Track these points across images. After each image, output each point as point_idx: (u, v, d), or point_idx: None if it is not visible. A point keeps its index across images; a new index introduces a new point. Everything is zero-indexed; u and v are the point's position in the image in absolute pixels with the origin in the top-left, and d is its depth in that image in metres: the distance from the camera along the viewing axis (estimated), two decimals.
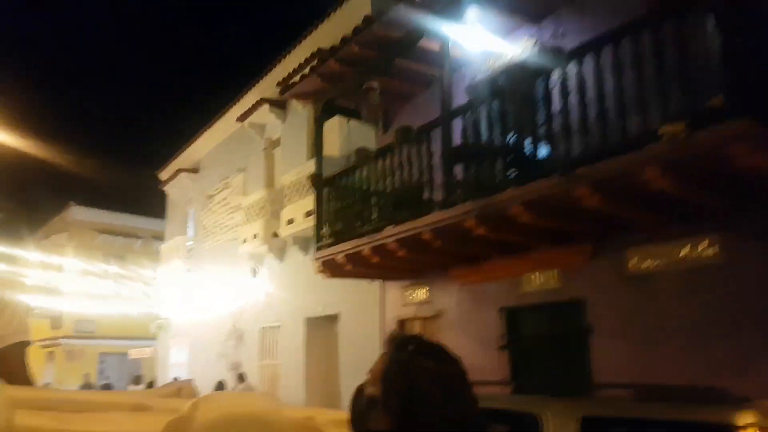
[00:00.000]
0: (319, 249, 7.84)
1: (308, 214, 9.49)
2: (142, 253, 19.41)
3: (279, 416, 1.28)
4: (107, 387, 18.77)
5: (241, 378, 13.45)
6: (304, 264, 10.34)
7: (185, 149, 15.59)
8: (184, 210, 16.64)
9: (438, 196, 6.01)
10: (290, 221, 9.97)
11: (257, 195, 11.36)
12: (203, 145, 14.93)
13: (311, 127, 10.98)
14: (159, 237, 18.79)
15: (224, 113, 13.27)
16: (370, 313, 8.53)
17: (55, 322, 23.88)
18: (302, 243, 10.24)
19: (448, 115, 5.92)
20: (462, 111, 5.92)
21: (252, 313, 11.85)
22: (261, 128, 12.40)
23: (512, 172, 5.36)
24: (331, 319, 9.75)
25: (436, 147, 6.11)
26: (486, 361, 6.66)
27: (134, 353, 18.63)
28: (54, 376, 23.18)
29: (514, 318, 6.60)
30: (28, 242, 18.88)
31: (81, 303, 21.18)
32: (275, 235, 10.89)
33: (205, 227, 14.58)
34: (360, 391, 1.14)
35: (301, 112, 10.99)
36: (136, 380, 17.61)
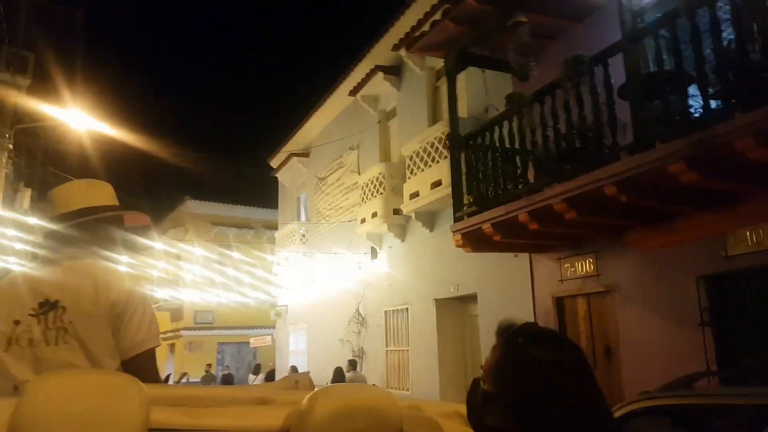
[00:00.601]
0: (458, 220, 6.90)
1: (435, 185, 8.61)
2: (255, 243, 19.55)
3: (395, 408, 1.25)
4: (228, 377, 19.09)
5: (352, 365, 12.96)
6: (430, 241, 9.49)
7: (295, 133, 15.25)
8: (296, 196, 16.39)
9: (623, 139, 4.86)
10: (414, 195, 9.12)
11: (374, 171, 10.64)
12: (313, 127, 14.50)
13: (431, 91, 10.09)
14: (271, 226, 18.83)
15: (334, 89, 12.68)
16: (518, 292, 7.50)
17: (175, 314, 24.86)
18: (427, 218, 9.38)
19: (632, 35, 4.75)
20: (652, 29, 4.72)
21: (374, 297, 11.19)
22: (374, 100, 11.67)
23: (732, 95, 4.11)
24: (466, 300, 8.82)
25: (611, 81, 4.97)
26: (679, 344, 5.43)
27: (254, 342, 18.77)
28: (174, 368, 24.11)
29: (718, 288, 5.31)
30: (155, 236, 19.53)
31: (199, 294, 21.80)
32: (396, 212, 10.12)
33: (319, 211, 14.15)
34: (476, 385, 1.09)
35: (419, 75, 10.10)
36: (256, 370, 17.68)
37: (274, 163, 17.13)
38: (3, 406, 1.01)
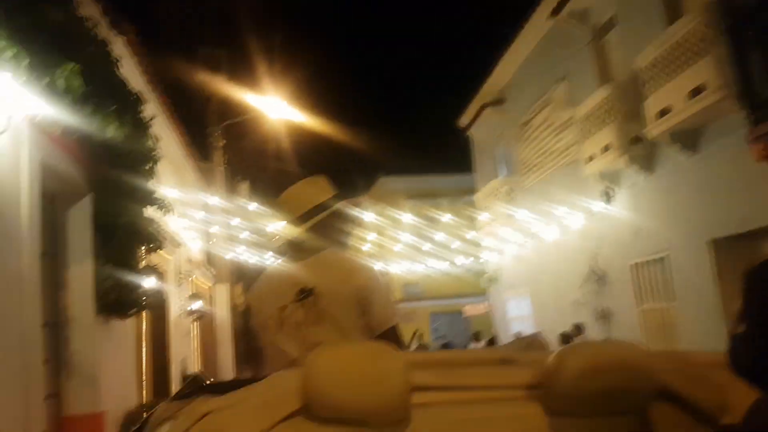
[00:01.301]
0: (759, 121, 4.99)
1: (695, 92, 6.64)
2: (454, 210, 18.66)
3: (648, 361, 1.23)
4: (447, 346, 18.62)
5: (578, 330, 11.31)
6: (692, 168, 7.50)
7: (484, 83, 13.87)
8: (492, 151, 15.05)
9: None
10: (664, 112, 7.21)
11: (596, 98, 8.82)
12: (506, 70, 12.96)
13: None
14: (468, 191, 17.73)
15: (529, 17, 11.01)
16: None
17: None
18: (686, 139, 7.39)
19: None
20: None
21: (614, 248, 9.44)
22: (582, 16, 9.78)
23: None
24: (759, 236, 6.74)
25: None
26: None
27: (469, 310, 18.03)
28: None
29: None
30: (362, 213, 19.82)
31: (405, 267, 21.71)
32: (636, 140, 8.25)
33: (524, 161, 12.65)
34: (732, 335, 1.09)
35: None
36: (476, 336, 16.90)
37: (464, 121, 15.95)
38: (294, 375, 1.20)
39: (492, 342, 16.23)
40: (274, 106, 11.56)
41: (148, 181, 6.49)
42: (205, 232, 12.17)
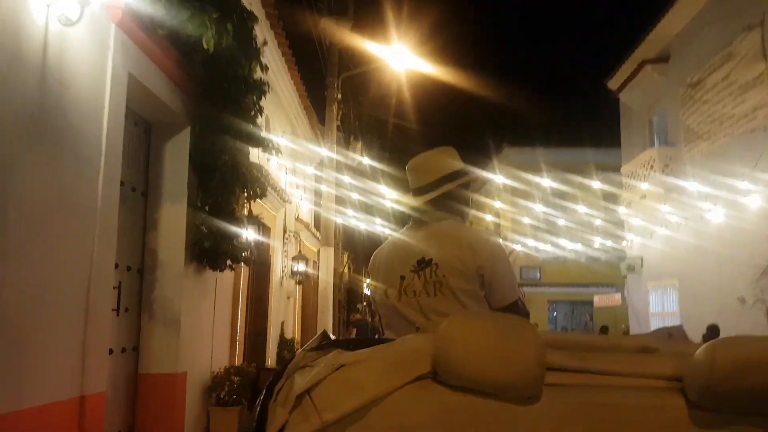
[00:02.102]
0: None
1: None
2: (589, 187, 16.61)
3: None
4: None
5: (711, 332, 9.11)
6: None
7: (644, 39, 11.79)
8: (646, 118, 12.93)
9: None
10: None
11: None
12: (673, 21, 10.83)
13: None
14: (606, 167, 15.61)
15: None
16: None
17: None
18: None
19: None
20: None
21: None
22: None
23: None
24: None
25: None
26: None
27: (600, 300, 16.09)
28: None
29: None
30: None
31: (526, 248, 20.04)
32: None
33: (689, 129, 10.56)
34: None
35: None
36: (603, 331, 15.04)
37: (613, 84, 13.89)
38: (424, 340, 1.25)
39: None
40: (399, 57, 10.45)
41: (255, 117, 5.73)
42: (316, 191, 11.53)
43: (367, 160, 11.33)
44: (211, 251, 5.25)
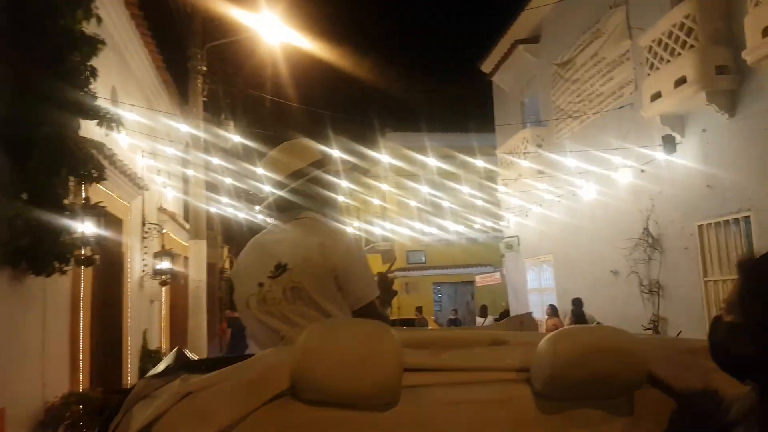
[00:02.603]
0: None
1: None
2: (467, 170, 16.86)
3: (639, 348, 1.24)
4: (455, 321, 17.07)
5: (556, 309, 10.56)
6: None
7: (517, 17, 11.95)
8: (519, 100, 13.20)
9: None
10: None
11: (673, 17, 6.98)
12: (542, 2, 11.02)
13: None
14: (484, 152, 15.87)
15: None
16: None
17: (387, 255, 23.67)
18: None
19: None
20: None
21: (675, 207, 7.74)
22: None
23: None
24: None
25: None
26: None
27: (481, 280, 16.42)
28: (393, 310, 23.00)
29: None
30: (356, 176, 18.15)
31: (410, 232, 20.09)
32: (722, 70, 6.48)
33: (560, 108, 10.84)
34: (717, 320, 1.09)
35: None
36: (483, 312, 15.36)
37: (487, 66, 14.06)
38: (281, 354, 1.20)
39: (504, 315, 14.75)
40: (272, 28, 9.61)
41: (87, 82, 4.76)
42: (183, 177, 10.44)
43: (242, 141, 10.40)
44: (30, 251, 4.24)
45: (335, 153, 8.53)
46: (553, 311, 10.59)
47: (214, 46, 10.15)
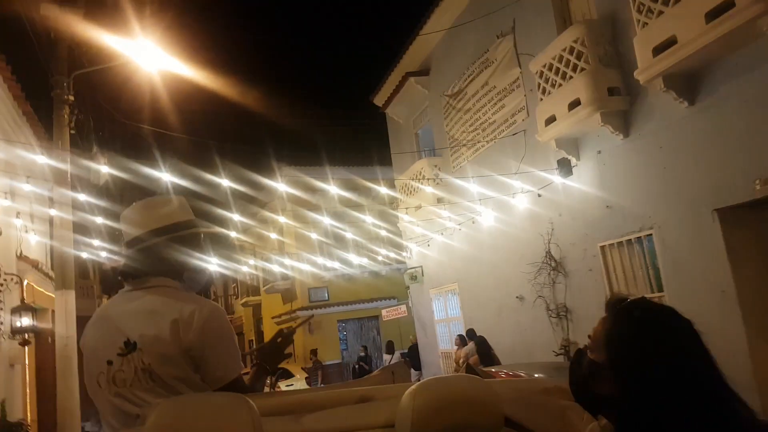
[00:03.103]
0: None
1: (716, 11, 5.07)
2: (366, 199, 16.59)
3: (494, 396, 1.27)
4: (365, 359, 16.44)
5: (464, 339, 10.27)
6: (689, 120, 5.97)
7: (404, 54, 11.99)
8: (413, 132, 13.17)
9: None
10: (665, 46, 5.58)
11: (562, 42, 7.12)
12: (432, 34, 11.12)
13: None
14: (384, 183, 15.73)
15: None
16: None
17: (287, 294, 22.70)
18: (683, 84, 5.84)
19: None
20: None
21: (576, 229, 7.81)
22: None
23: None
24: None
25: None
26: None
27: (387, 314, 15.98)
28: (295, 352, 21.99)
29: None
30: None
31: (310, 270, 19.39)
32: (613, 91, 6.64)
33: (454, 137, 10.85)
34: (580, 354, 1.11)
35: None
36: (389, 348, 14.91)
37: (379, 99, 13.99)
38: None
39: (414, 350, 14.35)
40: (149, 54, 8.80)
41: None
42: (49, 220, 9.17)
43: (114, 175, 9.34)
44: None
45: (226, 183, 7.87)
46: (462, 341, 10.36)
47: (84, 74, 9.13)
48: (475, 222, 10.29)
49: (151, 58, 8.90)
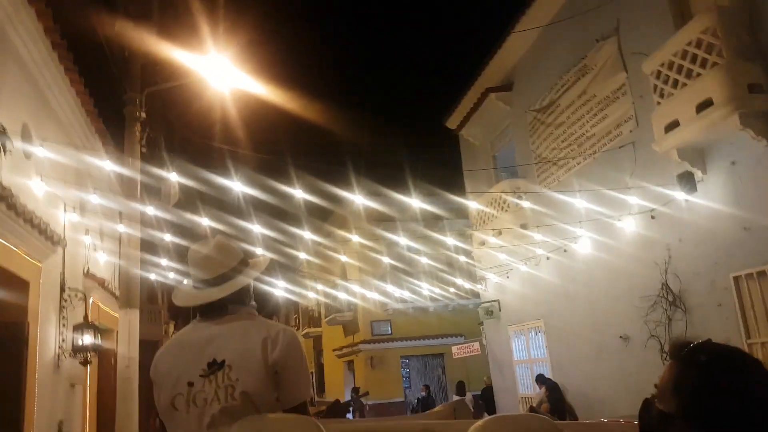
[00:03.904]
0: None
1: None
2: (437, 233, 15.72)
3: None
4: (426, 400, 15.28)
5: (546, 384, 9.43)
6: None
7: (483, 68, 11.27)
8: (490, 154, 12.31)
9: None
10: None
11: (687, 35, 6.16)
12: (516, 44, 10.35)
13: None
14: (453, 215, 14.85)
15: None
16: None
17: (349, 326, 21.89)
18: None
19: None
20: None
21: (699, 257, 6.66)
22: None
23: None
24: None
25: None
26: None
27: (458, 351, 14.84)
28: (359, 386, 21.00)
29: None
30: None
31: (374, 301, 18.59)
32: (755, 88, 5.61)
33: (541, 156, 9.92)
34: (649, 404, 1.11)
35: None
36: (460, 389, 13.69)
37: (453, 122, 13.26)
38: None
39: (488, 392, 13.16)
40: (220, 71, 8.46)
41: None
42: (116, 236, 8.82)
43: (185, 188, 8.96)
44: None
45: (300, 194, 7.23)
46: (541, 381, 9.36)
47: (156, 91, 8.88)
48: (568, 250, 9.23)
49: (223, 74, 8.56)
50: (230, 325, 1.82)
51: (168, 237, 8.16)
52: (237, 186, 7.67)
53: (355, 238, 13.16)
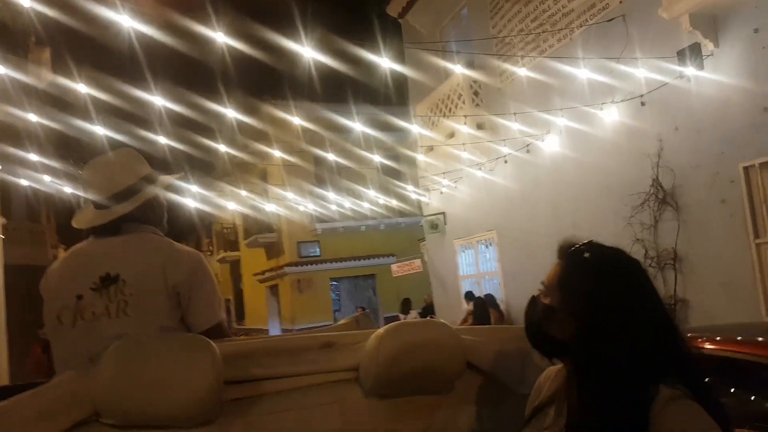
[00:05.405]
0: None
1: None
2: (370, 146, 14.23)
3: (458, 341, 1.31)
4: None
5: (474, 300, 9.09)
6: None
7: None
8: (439, 47, 10.78)
9: None
10: None
11: None
12: None
13: None
14: (386, 126, 13.34)
15: None
16: None
17: (272, 249, 20.42)
18: None
19: None
20: None
21: (700, 144, 5.67)
22: None
23: None
24: None
25: None
26: None
27: (398, 269, 13.83)
28: (281, 314, 19.90)
29: None
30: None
31: (299, 221, 17.17)
32: None
33: (506, 40, 8.54)
34: (534, 301, 1.15)
35: None
36: (405, 307, 12.83)
37: (394, 8, 11.49)
38: (84, 377, 1.06)
39: (425, 312, 12.36)
40: None
41: None
42: None
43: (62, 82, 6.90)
44: None
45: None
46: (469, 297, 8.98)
47: None
48: (531, 150, 8.10)
49: None
50: (130, 241, 1.69)
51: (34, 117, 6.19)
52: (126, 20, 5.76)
53: (278, 153, 11.54)
